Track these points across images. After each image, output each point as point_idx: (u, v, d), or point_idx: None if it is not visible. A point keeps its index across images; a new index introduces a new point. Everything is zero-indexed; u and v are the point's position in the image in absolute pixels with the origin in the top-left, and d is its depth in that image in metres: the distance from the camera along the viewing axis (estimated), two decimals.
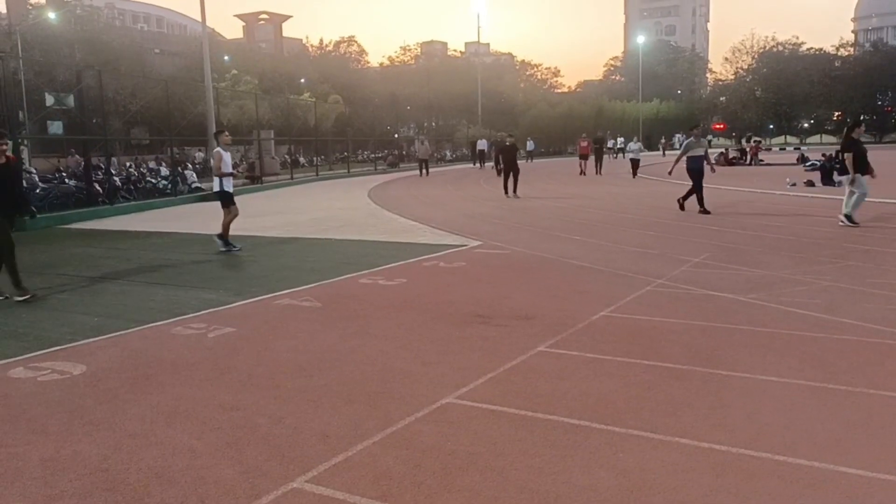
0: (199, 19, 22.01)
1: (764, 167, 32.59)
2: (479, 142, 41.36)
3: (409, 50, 78.05)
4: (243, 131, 32.21)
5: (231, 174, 10.58)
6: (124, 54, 39.44)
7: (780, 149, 59.47)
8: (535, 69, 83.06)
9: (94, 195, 17.66)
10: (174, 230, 13.44)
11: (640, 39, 75.45)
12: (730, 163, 34.01)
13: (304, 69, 56.96)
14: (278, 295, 7.20)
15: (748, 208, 14.87)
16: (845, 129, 12.20)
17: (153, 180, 22.05)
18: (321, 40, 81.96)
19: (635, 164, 27.46)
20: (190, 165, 26.52)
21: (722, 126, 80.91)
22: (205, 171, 27.22)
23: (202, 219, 15.30)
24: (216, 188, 10.58)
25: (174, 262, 9.65)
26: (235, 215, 10.48)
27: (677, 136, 65.82)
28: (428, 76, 64.05)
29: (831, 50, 77.86)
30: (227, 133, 10.76)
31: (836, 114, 74.68)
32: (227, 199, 10.46)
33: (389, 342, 5.44)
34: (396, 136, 55.77)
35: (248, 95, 32.40)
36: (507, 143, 19.85)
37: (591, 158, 31.09)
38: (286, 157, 35.07)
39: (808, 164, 29.12)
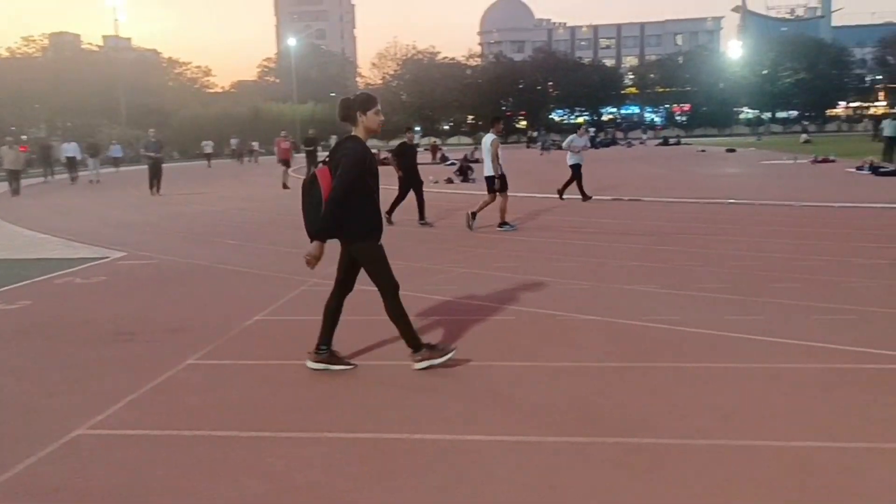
0: None
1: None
2: (64, 146, 31.32)
3: (35, 41, 68.76)
4: None
5: None
6: None
7: (424, 149, 64.60)
8: (185, 67, 78.92)
9: None
10: None
11: (292, 42, 76.15)
12: (381, 163, 36.05)
13: None
14: None
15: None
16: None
17: None
18: None
19: None
20: None
21: None
22: None
23: None
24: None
25: None
26: None
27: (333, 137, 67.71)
28: (59, 71, 57.17)
29: (463, 60, 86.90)
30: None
31: (470, 117, 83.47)
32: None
33: (6, 376, 4.72)
34: (38, 138, 48.81)
35: None
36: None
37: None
38: None
39: (448, 162, 32.14)
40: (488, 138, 11.07)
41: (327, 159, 4.50)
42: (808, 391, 4.08)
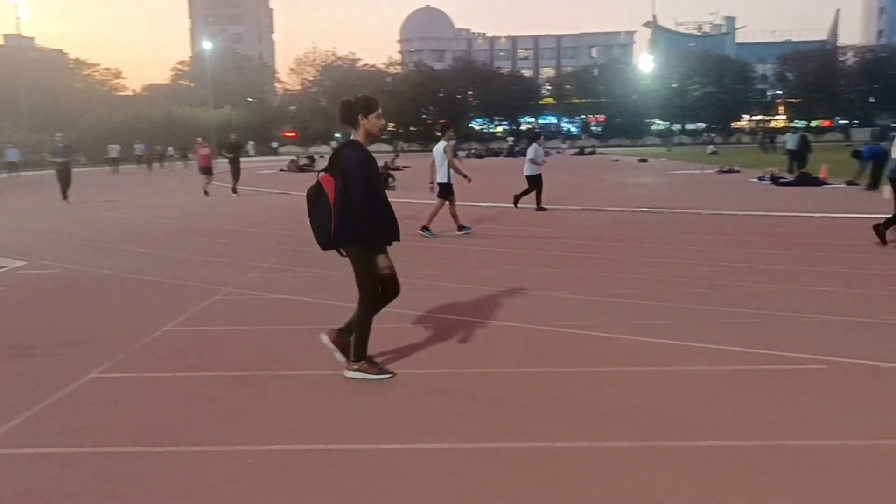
0: None
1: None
2: None
3: None
4: None
5: None
6: None
7: None
8: (93, 69, 75.94)
9: None
10: None
11: (207, 45, 74.31)
12: (300, 169, 35.61)
13: None
14: None
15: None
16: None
17: None
18: None
19: None
20: None
21: (294, 134, 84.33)
22: None
23: None
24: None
25: None
26: None
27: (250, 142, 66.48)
28: None
29: (383, 67, 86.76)
30: None
31: (391, 125, 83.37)
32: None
33: None
34: None
35: None
36: None
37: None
38: None
39: None
40: (440, 146, 11.24)
41: (328, 166, 4.45)
42: (712, 392, 4.25)
